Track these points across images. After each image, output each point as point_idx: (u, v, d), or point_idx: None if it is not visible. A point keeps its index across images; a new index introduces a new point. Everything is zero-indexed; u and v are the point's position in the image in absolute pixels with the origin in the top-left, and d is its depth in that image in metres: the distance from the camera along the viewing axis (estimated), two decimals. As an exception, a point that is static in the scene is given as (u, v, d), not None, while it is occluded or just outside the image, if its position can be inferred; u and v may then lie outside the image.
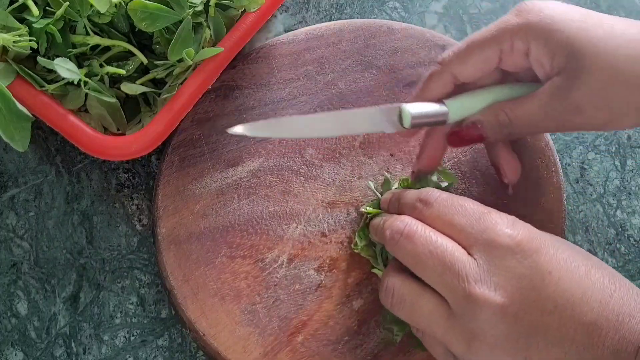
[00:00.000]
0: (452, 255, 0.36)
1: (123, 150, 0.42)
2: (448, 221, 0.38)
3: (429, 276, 0.37)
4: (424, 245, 0.37)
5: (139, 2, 0.41)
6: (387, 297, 0.39)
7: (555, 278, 0.35)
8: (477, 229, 0.37)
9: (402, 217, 0.39)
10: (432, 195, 0.40)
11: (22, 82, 0.43)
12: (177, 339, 0.47)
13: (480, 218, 0.37)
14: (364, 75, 0.51)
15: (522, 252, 0.36)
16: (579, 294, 0.35)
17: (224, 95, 0.50)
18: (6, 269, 0.48)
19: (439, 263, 0.36)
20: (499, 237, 0.36)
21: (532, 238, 0.36)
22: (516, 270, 0.35)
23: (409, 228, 0.38)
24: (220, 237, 0.46)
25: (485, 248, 0.36)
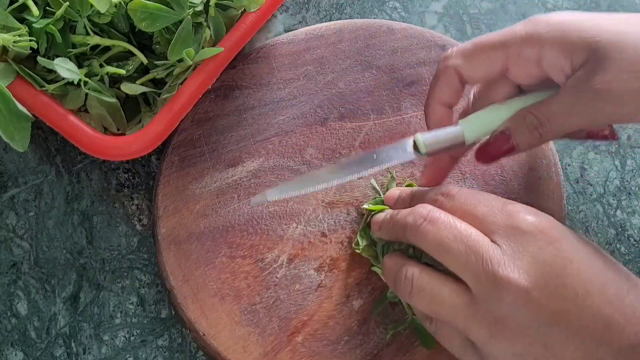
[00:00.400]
0: (476, 239, 0.36)
1: (123, 150, 0.42)
2: (470, 211, 0.38)
3: (452, 261, 0.37)
4: (447, 230, 0.37)
5: (139, 2, 0.41)
6: (406, 287, 0.39)
7: (576, 268, 0.35)
8: (500, 217, 0.37)
9: (423, 204, 0.39)
10: (454, 188, 0.40)
11: (22, 82, 0.43)
12: (177, 339, 0.47)
13: (502, 207, 0.38)
14: (364, 75, 0.51)
15: (545, 239, 0.36)
16: (598, 286, 0.35)
17: (224, 95, 0.50)
18: (6, 269, 0.48)
19: (463, 247, 0.36)
20: (522, 224, 0.36)
21: (555, 226, 0.37)
22: (539, 255, 0.35)
23: (432, 214, 0.38)
24: (220, 237, 0.46)
25: (508, 234, 0.36)
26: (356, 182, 0.48)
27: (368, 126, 0.50)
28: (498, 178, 0.49)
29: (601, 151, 0.52)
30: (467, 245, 0.36)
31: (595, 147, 0.52)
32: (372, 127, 0.50)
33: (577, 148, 0.52)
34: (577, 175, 0.52)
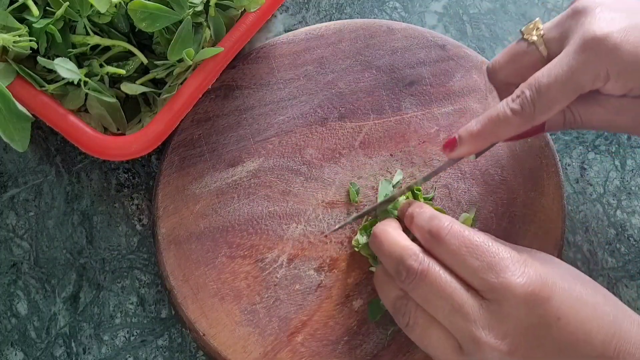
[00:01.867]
0: (461, 297, 0.37)
1: (123, 150, 0.42)
2: (460, 261, 0.38)
3: (439, 317, 0.38)
4: (435, 286, 0.38)
5: (139, 2, 0.41)
6: (404, 319, 0.40)
7: (563, 323, 0.36)
8: (490, 276, 0.37)
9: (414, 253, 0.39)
10: (442, 229, 0.39)
11: (22, 82, 0.43)
12: (177, 339, 0.47)
13: (492, 264, 0.37)
14: (364, 75, 0.51)
15: (534, 302, 0.36)
16: (583, 336, 0.36)
17: (224, 95, 0.50)
18: (6, 269, 0.48)
19: (449, 305, 0.37)
20: (511, 287, 0.36)
21: (545, 284, 0.37)
22: (527, 320, 0.36)
23: (422, 267, 0.38)
24: (220, 237, 0.46)
25: (497, 295, 0.36)
26: (356, 183, 0.48)
27: (368, 126, 0.50)
28: (498, 178, 0.49)
29: (601, 151, 0.52)
30: (452, 305, 0.37)
31: (595, 147, 0.52)
32: (372, 127, 0.50)
33: (577, 148, 0.52)
34: (577, 175, 0.52)
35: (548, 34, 0.41)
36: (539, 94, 0.39)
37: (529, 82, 0.39)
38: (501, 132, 0.41)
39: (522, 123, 0.40)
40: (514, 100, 0.40)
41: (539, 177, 0.49)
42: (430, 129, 0.50)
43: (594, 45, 0.37)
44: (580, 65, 0.38)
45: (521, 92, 0.39)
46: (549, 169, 0.49)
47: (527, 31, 0.42)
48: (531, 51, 0.41)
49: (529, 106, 0.39)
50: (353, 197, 0.48)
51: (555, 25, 0.41)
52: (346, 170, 0.49)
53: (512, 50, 0.43)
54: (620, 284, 0.49)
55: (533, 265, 0.37)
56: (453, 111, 0.50)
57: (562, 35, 0.40)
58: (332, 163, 0.49)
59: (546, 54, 0.41)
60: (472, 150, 0.42)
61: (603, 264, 0.50)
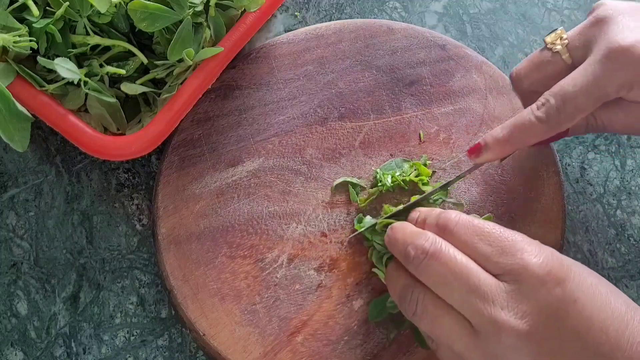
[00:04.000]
0: (478, 277, 0.36)
1: (123, 150, 0.42)
2: (472, 250, 0.38)
3: (454, 298, 0.37)
4: (449, 266, 0.37)
5: (139, 2, 0.41)
6: (410, 307, 0.39)
7: (580, 306, 0.36)
8: (505, 257, 0.37)
9: (426, 234, 0.39)
10: (450, 221, 0.39)
11: (22, 82, 0.43)
12: (177, 339, 0.47)
13: (506, 246, 0.37)
14: (364, 75, 0.51)
15: (552, 281, 0.36)
16: (598, 323, 0.36)
17: (224, 95, 0.50)
18: (6, 269, 0.48)
19: (465, 285, 0.36)
20: (530, 266, 0.36)
21: (561, 266, 0.36)
22: (545, 299, 0.36)
23: (434, 247, 0.38)
24: (220, 237, 0.46)
25: (515, 276, 0.36)
26: (356, 182, 0.48)
27: (368, 126, 0.50)
28: (498, 178, 0.49)
29: (601, 151, 0.52)
30: (467, 284, 0.36)
31: (595, 147, 0.52)
32: (372, 127, 0.50)
33: (577, 148, 0.52)
34: (577, 175, 0.52)
35: (572, 43, 0.42)
36: (564, 102, 0.39)
37: (554, 90, 0.40)
38: (526, 138, 0.42)
39: (547, 130, 0.41)
40: (539, 108, 0.40)
41: (539, 177, 0.49)
42: (430, 129, 0.50)
43: (619, 55, 0.38)
44: (606, 74, 0.38)
45: (546, 100, 0.40)
46: (549, 169, 0.49)
47: (550, 40, 0.42)
48: (555, 60, 0.42)
49: (554, 114, 0.40)
50: (353, 197, 0.48)
51: (578, 34, 0.42)
52: (346, 170, 0.49)
53: (536, 59, 0.44)
54: (620, 284, 0.49)
55: (547, 248, 0.38)
56: (453, 111, 0.50)
57: (585, 44, 0.41)
58: (332, 163, 0.49)
59: (570, 63, 0.42)
60: (498, 155, 0.43)
61: (603, 264, 0.50)
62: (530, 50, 0.55)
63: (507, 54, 0.55)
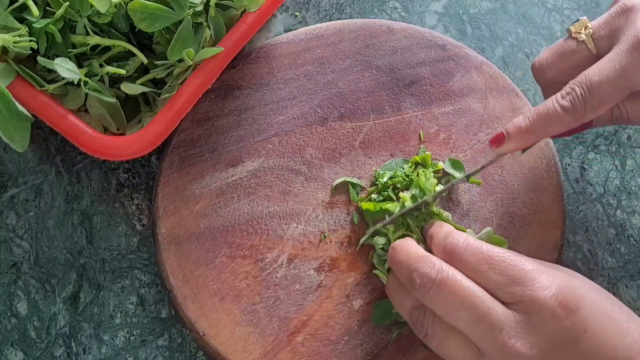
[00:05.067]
0: (486, 306, 0.36)
1: (123, 150, 0.42)
2: (481, 277, 0.37)
3: (463, 327, 0.37)
4: (456, 295, 0.36)
5: (139, 2, 0.41)
6: (422, 329, 0.39)
7: (590, 336, 0.35)
8: (517, 289, 0.36)
9: (431, 260, 0.38)
10: (458, 247, 0.38)
11: (22, 82, 0.43)
12: (177, 339, 0.47)
13: (516, 277, 0.36)
14: (364, 75, 0.51)
15: (562, 314, 0.35)
16: (608, 352, 0.35)
17: (224, 95, 0.50)
18: (6, 269, 0.48)
19: (473, 314, 0.36)
20: (540, 298, 0.35)
21: (573, 295, 0.36)
22: (554, 331, 0.35)
23: (440, 275, 0.37)
24: (220, 237, 0.46)
25: (525, 307, 0.36)
26: (356, 182, 0.48)
27: (368, 126, 0.50)
28: (498, 178, 0.49)
29: (601, 151, 0.52)
30: (475, 314, 0.36)
31: (595, 147, 0.52)
32: (372, 127, 0.50)
33: (577, 148, 0.52)
34: (577, 175, 0.52)
35: (597, 32, 0.41)
36: (591, 92, 0.38)
37: (580, 79, 0.39)
38: (550, 128, 0.40)
39: (572, 120, 0.40)
40: (564, 97, 0.39)
41: (539, 177, 0.49)
42: (430, 129, 0.50)
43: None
44: (633, 64, 0.38)
45: (571, 89, 0.39)
46: (549, 169, 0.49)
47: (575, 29, 0.41)
48: (580, 50, 0.41)
49: (579, 104, 0.39)
50: (353, 197, 0.48)
51: (604, 23, 0.41)
52: (346, 170, 0.49)
53: (560, 48, 0.43)
54: (621, 284, 0.49)
55: (559, 276, 0.37)
56: (453, 111, 0.50)
57: (611, 34, 0.40)
58: (332, 163, 0.49)
59: (595, 52, 0.41)
60: (520, 145, 0.42)
61: (603, 264, 0.50)
62: (530, 50, 0.55)
63: (507, 54, 0.55)
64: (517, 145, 0.42)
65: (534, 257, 0.46)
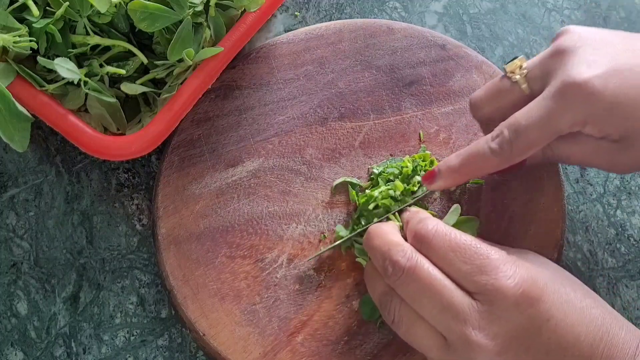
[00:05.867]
0: (451, 295, 0.36)
1: (123, 150, 0.42)
2: (447, 264, 0.38)
3: (427, 314, 0.37)
4: (423, 283, 0.37)
5: (139, 2, 0.41)
6: (389, 315, 0.39)
7: (553, 325, 0.36)
8: (481, 278, 0.36)
9: (402, 247, 0.39)
10: (427, 232, 0.39)
11: (22, 82, 0.43)
12: (177, 339, 0.47)
13: (480, 266, 0.37)
14: (364, 75, 0.51)
15: (525, 303, 0.36)
16: (572, 339, 0.36)
17: (224, 95, 0.50)
18: (6, 269, 0.48)
19: (438, 303, 0.36)
20: (503, 288, 0.36)
21: (535, 285, 0.36)
22: (517, 321, 0.36)
23: (409, 263, 0.38)
24: (220, 237, 0.46)
25: (488, 297, 0.36)
26: (356, 182, 0.48)
27: (368, 126, 0.50)
28: (498, 178, 0.49)
29: (601, 151, 0.52)
30: (441, 302, 0.36)
31: (595, 147, 0.52)
32: (372, 127, 0.50)
33: (577, 148, 0.52)
34: (577, 175, 0.52)
35: (531, 72, 0.41)
36: (517, 135, 0.39)
37: (509, 122, 0.39)
38: (480, 169, 0.42)
39: (500, 162, 0.40)
40: (494, 139, 0.40)
41: (539, 177, 0.48)
42: (430, 129, 0.50)
43: (573, 91, 0.37)
44: (558, 110, 0.38)
45: (500, 132, 0.40)
46: (549, 169, 0.49)
47: (510, 69, 0.42)
48: (514, 90, 0.42)
49: (507, 147, 0.39)
50: (353, 197, 0.48)
51: (538, 64, 0.41)
52: (346, 170, 0.49)
53: (494, 87, 0.43)
54: (620, 284, 0.49)
55: (524, 265, 0.37)
56: (453, 111, 0.50)
57: (544, 74, 0.40)
58: (332, 163, 0.49)
59: (528, 92, 0.41)
60: (450, 184, 0.43)
61: (603, 264, 0.50)
62: (530, 50, 0.55)
63: (507, 54, 0.55)
64: (446, 184, 0.43)
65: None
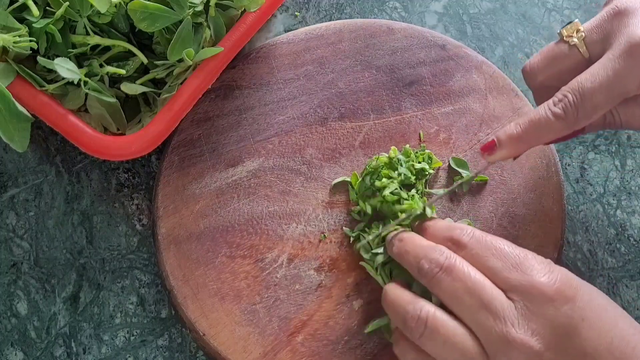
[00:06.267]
0: (491, 294, 0.36)
1: (123, 150, 0.42)
2: (483, 264, 0.37)
3: (465, 314, 0.37)
4: (462, 281, 0.37)
5: (139, 2, 0.41)
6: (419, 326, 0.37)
7: (587, 326, 0.36)
8: (515, 274, 0.36)
9: (440, 248, 0.38)
10: (464, 236, 0.39)
11: (22, 82, 0.43)
12: (177, 339, 0.47)
13: (517, 263, 0.37)
14: (364, 75, 0.51)
15: (560, 300, 0.36)
16: (605, 344, 0.35)
17: (224, 95, 0.50)
18: (6, 269, 0.48)
19: (477, 301, 0.36)
20: (538, 284, 0.36)
21: (569, 285, 0.36)
22: (553, 317, 0.35)
23: (448, 262, 0.37)
24: (220, 237, 0.46)
25: (523, 293, 0.36)
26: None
27: (368, 126, 0.50)
28: (498, 178, 0.49)
29: (601, 151, 0.52)
30: (480, 301, 0.36)
31: (595, 147, 0.52)
32: (372, 126, 0.50)
33: (577, 148, 0.52)
34: (577, 175, 0.52)
35: (589, 36, 0.40)
36: (583, 99, 0.38)
37: (572, 86, 0.38)
38: (543, 136, 0.40)
39: (564, 128, 0.39)
40: (556, 104, 0.39)
41: (539, 177, 0.49)
42: (430, 129, 0.50)
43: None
44: (627, 71, 0.37)
45: (563, 96, 0.39)
46: (549, 168, 0.49)
47: (567, 33, 0.41)
48: (572, 54, 0.41)
49: (572, 111, 0.38)
50: (353, 197, 0.48)
51: (596, 27, 0.40)
52: (346, 170, 0.49)
53: (551, 52, 0.42)
54: (621, 284, 0.49)
55: (558, 268, 0.37)
56: (453, 111, 0.50)
57: (604, 38, 0.39)
58: (332, 163, 0.49)
59: (588, 57, 0.40)
60: (512, 153, 0.42)
61: (603, 264, 0.50)
62: (530, 50, 0.55)
63: (507, 54, 0.55)
64: (508, 153, 0.41)
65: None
